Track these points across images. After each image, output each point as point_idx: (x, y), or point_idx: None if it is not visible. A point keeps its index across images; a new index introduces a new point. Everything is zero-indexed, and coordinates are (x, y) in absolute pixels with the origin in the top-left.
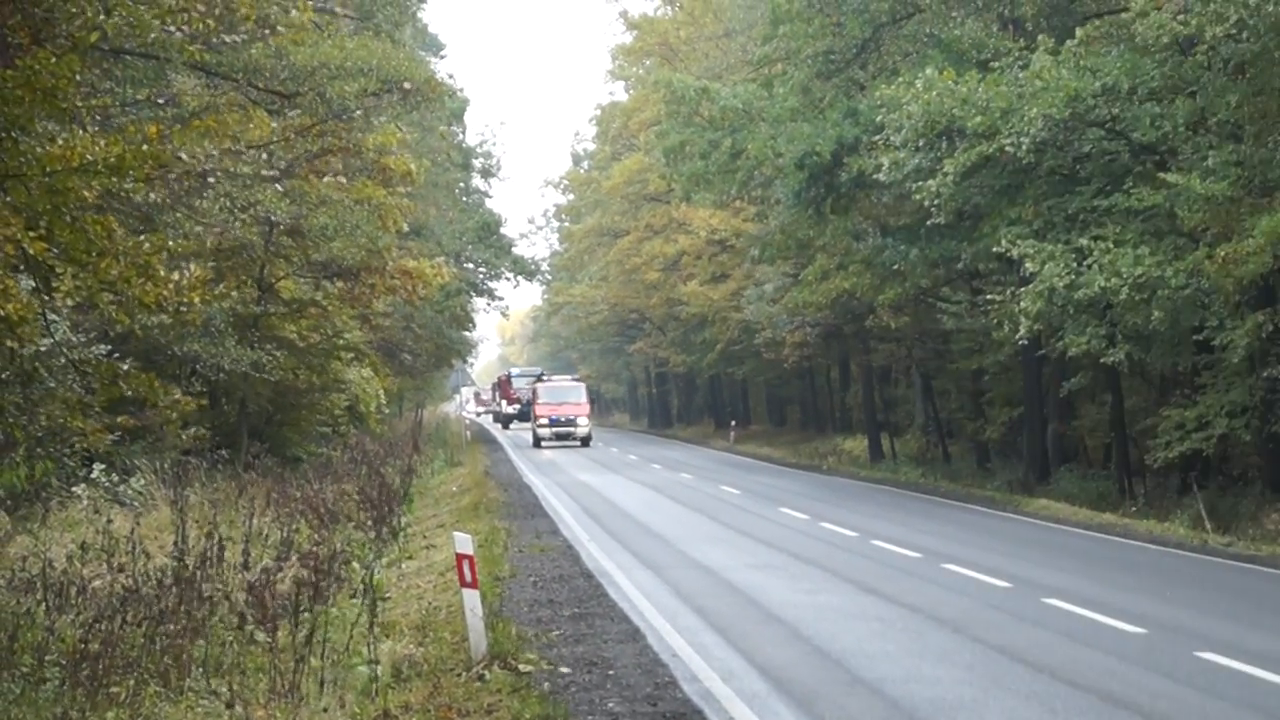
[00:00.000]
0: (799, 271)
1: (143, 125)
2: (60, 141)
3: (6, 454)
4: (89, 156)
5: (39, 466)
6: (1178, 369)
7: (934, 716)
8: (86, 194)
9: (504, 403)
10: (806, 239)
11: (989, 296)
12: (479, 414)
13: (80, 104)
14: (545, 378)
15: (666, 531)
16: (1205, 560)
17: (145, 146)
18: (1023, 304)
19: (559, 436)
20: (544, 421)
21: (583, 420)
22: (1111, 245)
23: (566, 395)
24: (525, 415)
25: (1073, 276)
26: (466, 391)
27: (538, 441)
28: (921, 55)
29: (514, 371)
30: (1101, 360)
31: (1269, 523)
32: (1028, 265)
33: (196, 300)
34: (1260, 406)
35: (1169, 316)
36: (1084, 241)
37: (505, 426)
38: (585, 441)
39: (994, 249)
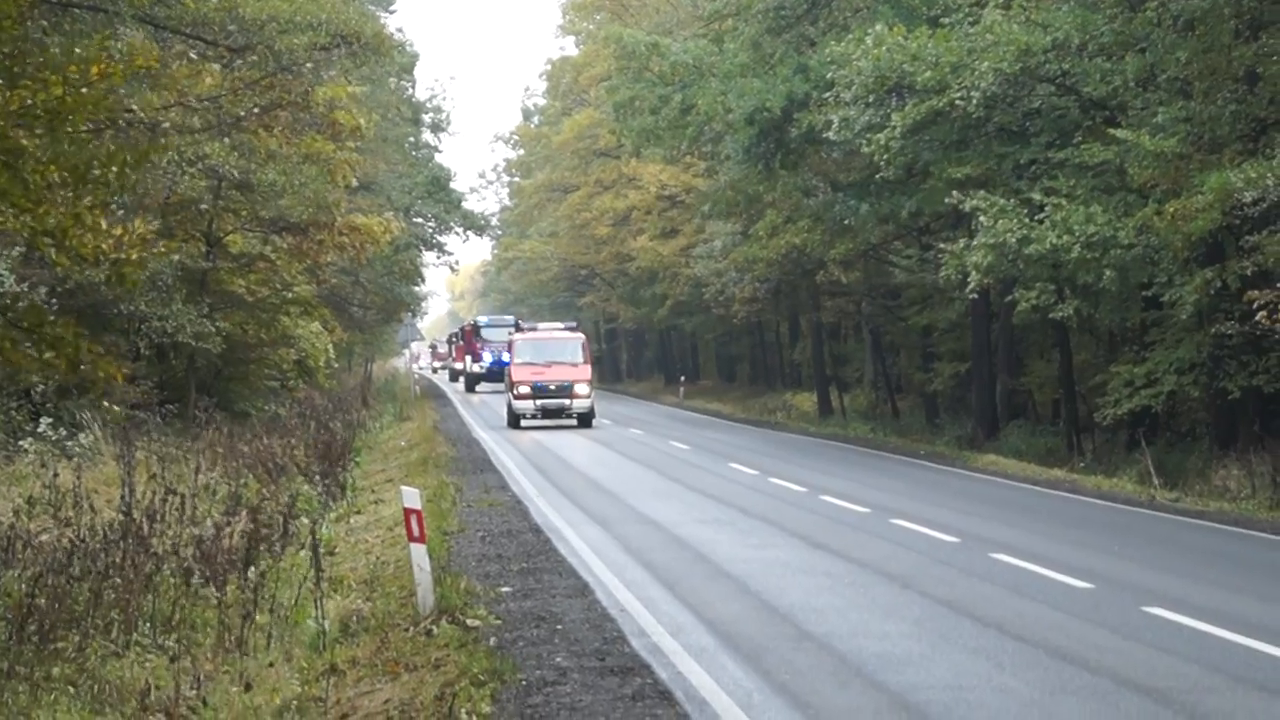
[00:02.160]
0: (749, 227)
1: (86, 68)
2: None
3: None
4: (29, 101)
5: None
6: (1126, 325)
7: (881, 670)
8: (26, 143)
9: (469, 359)
10: (756, 194)
11: (941, 246)
12: (436, 369)
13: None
14: (524, 327)
15: (615, 487)
16: (1152, 516)
17: (86, 90)
18: (973, 257)
19: (547, 412)
20: (525, 390)
21: (582, 388)
22: (1064, 201)
23: (558, 352)
24: (497, 375)
25: (1025, 232)
26: (418, 346)
27: (515, 419)
28: (872, 11)
29: (482, 320)
30: (1051, 315)
31: (1216, 478)
32: (980, 219)
33: (135, 255)
34: (1209, 363)
35: (1119, 275)
36: (1036, 196)
37: (470, 388)
38: (585, 420)
39: (945, 200)
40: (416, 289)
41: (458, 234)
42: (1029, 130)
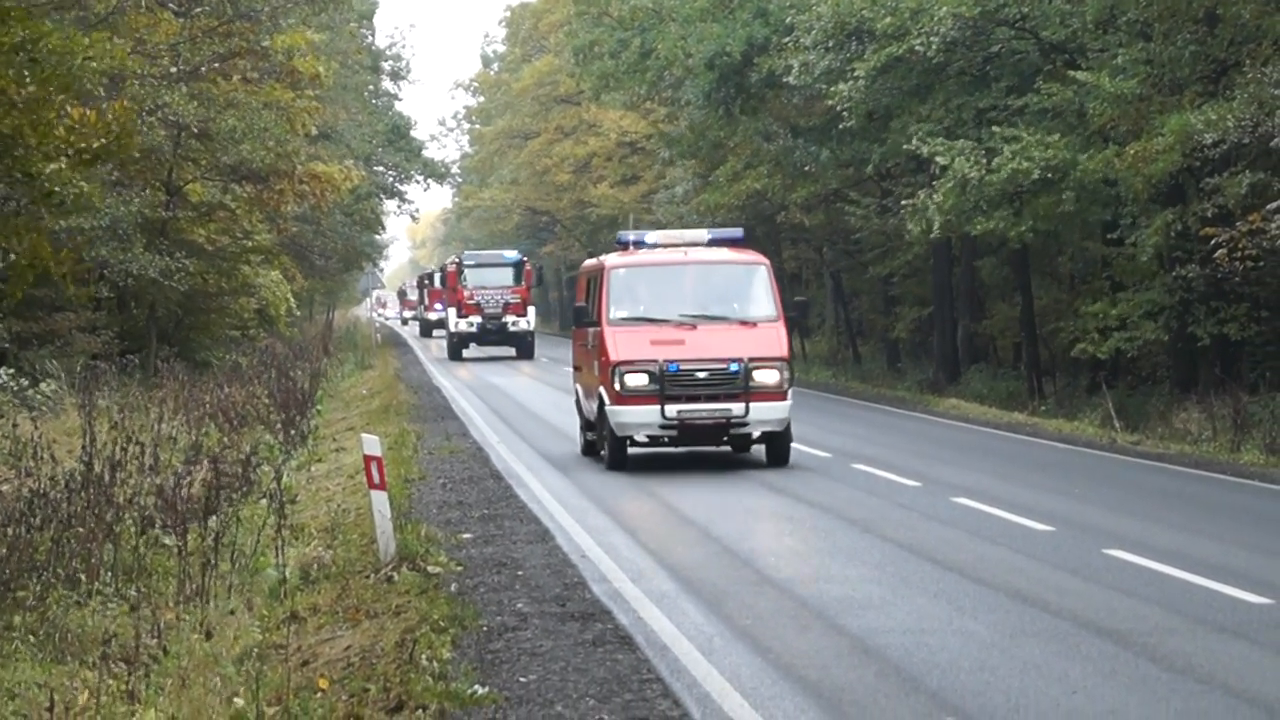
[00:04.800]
0: (710, 173)
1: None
2: None
3: None
4: None
5: None
6: (1086, 264)
7: (842, 615)
8: None
9: (452, 312)
10: (718, 139)
11: (904, 201)
12: (406, 321)
13: None
14: (630, 243)
15: (577, 433)
16: (1113, 459)
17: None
18: (935, 197)
19: (486, 338)
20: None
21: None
22: (1023, 135)
23: (716, 296)
24: (495, 335)
25: (984, 171)
26: (384, 294)
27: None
28: None
29: (468, 258)
30: (1010, 235)
31: (1177, 421)
32: (938, 161)
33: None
34: (1178, 307)
35: (1078, 195)
36: (992, 143)
37: (455, 354)
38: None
39: (904, 147)
40: (378, 237)
41: (418, 182)
42: (989, 75)
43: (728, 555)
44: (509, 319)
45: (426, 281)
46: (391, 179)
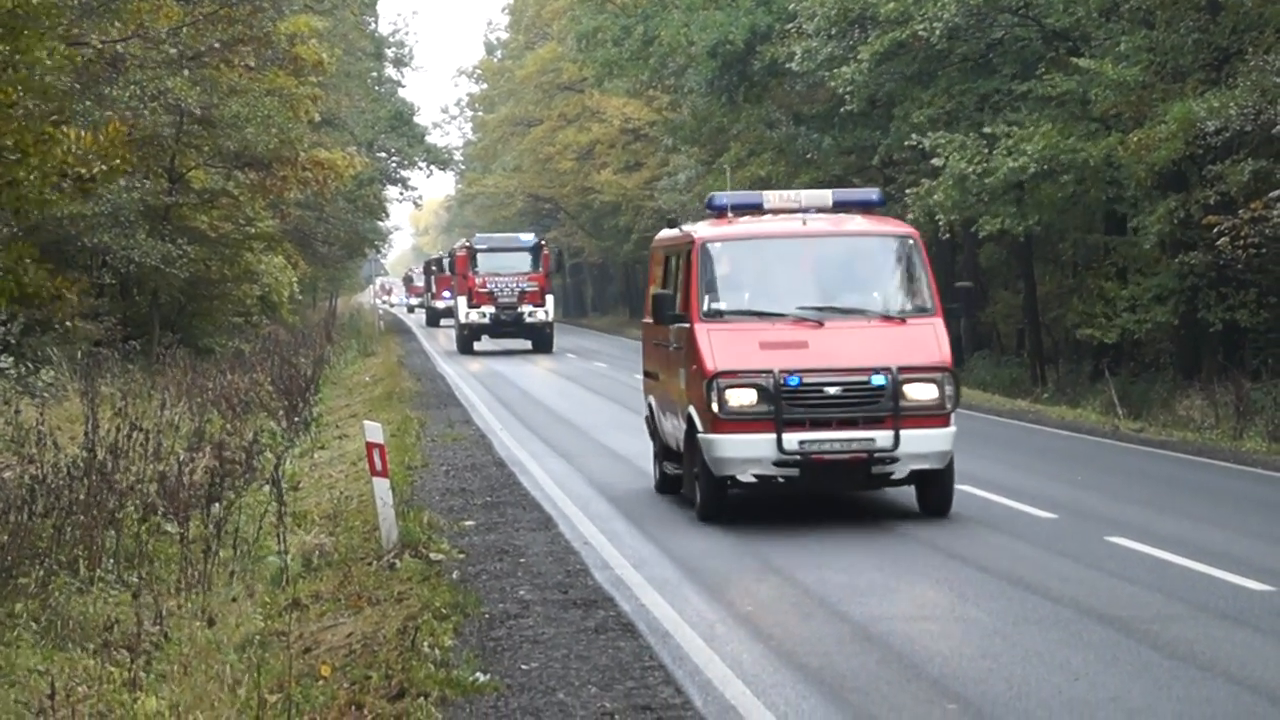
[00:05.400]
0: (713, 160)
1: None
2: None
3: None
4: None
5: None
6: (1089, 249)
7: (845, 601)
8: None
9: (462, 301)
10: (720, 126)
11: (907, 190)
12: (412, 308)
13: None
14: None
15: (579, 420)
16: (1116, 446)
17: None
18: (936, 196)
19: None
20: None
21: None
22: (1018, 129)
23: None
24: (510, 327)
25: (984, 165)
26: (389, 280)
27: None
28: None
29: (479, 242)
30: (1018, 230)
31: (1180, 408)
32: (936, 158)
33: (98, 170)
34: (1187, 293)
35: (1076, 180)
36: (989, 130)
37: (466, 347)
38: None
39: (905, 143)
40: (381, 224)
41: (421, 169)
42: (992, 62)
43: (729, 542)
44: (525, 309)
45: (434, 267)
46: (394, 165)
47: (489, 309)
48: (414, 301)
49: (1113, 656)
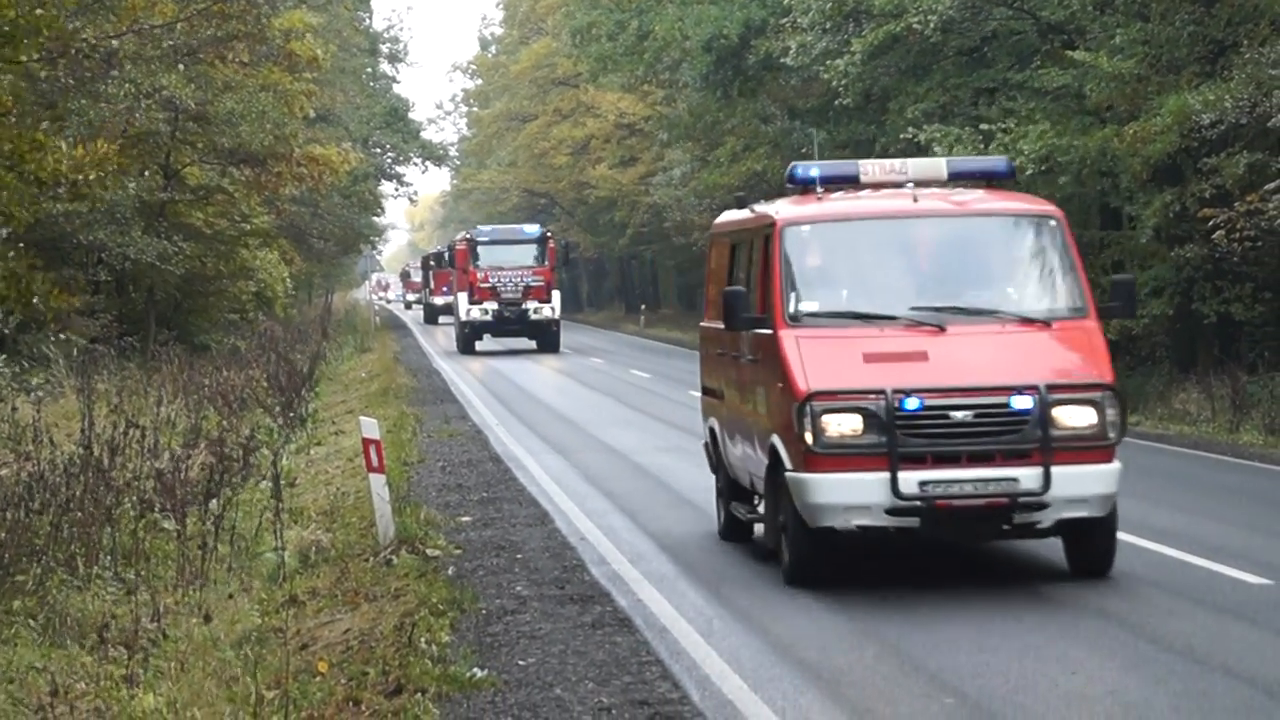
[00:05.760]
0: (708, 154)
1: None
2: None
3: None
4: None
5: None
6: (1085, 249)
7: (841, 595)
8: None
9: (463, 297)
10: (716, 120)
11: None
12: (409, 304)
13: None
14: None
15: (576, 415)
16: None
17: (40, 11)
18: None
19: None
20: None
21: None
22: (1014, 125)
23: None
24: (516, 325)
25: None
26: (385, 276)
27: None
28: None
29: (482, 234)
30: None
31: (1176, 402)
32: (935, 151)
33: (94, 175)
34: (1183, 284)
35: (1074, 181)
36: (985, 128)
37: (467, 346)
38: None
39: (901, 136)
40: (376, 220)
41: (416, 164)
42: (987, 56)
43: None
44: (530, 305)
45: (432, 262)
46: (389, 161)
47: (491, 305)
48: (411, 298)
49: (1110, 650)
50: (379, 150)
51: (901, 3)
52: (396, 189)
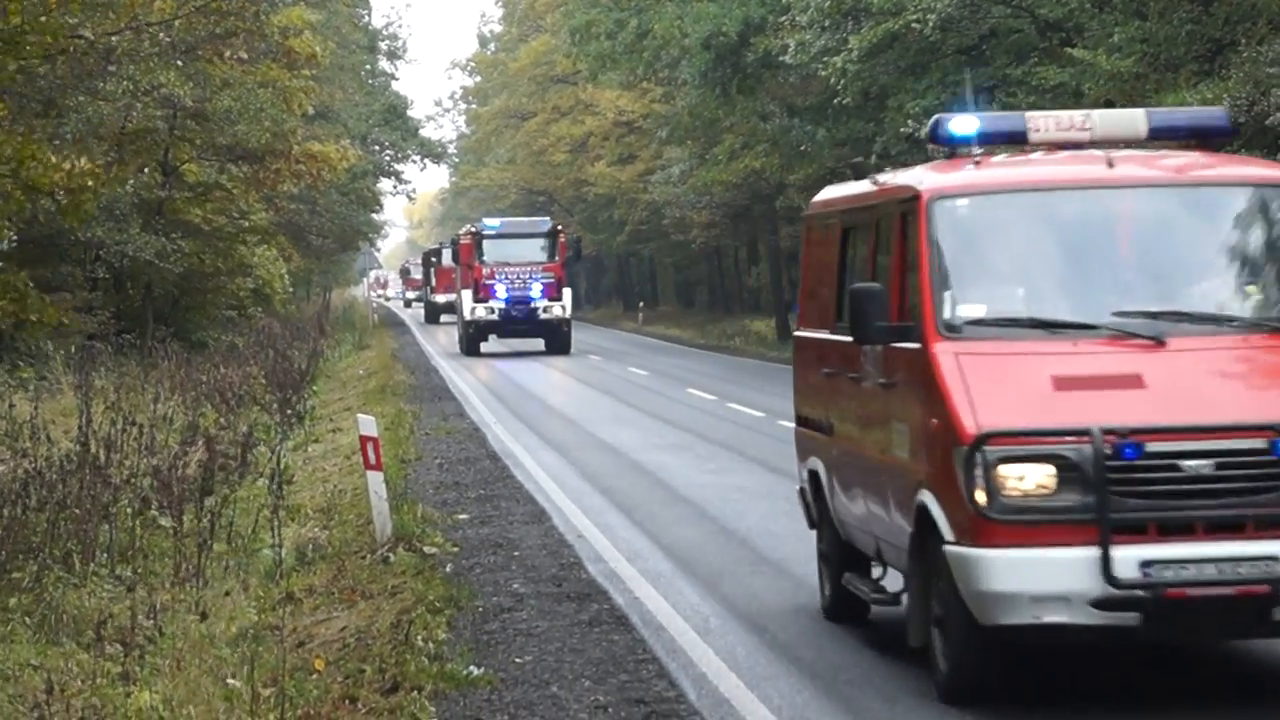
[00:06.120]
0: (706, 152)
1: None
2: None
3: None
4: None
5: None
6: None
7: None
8: None
9: (467, 294)
10: (714, 118)
11: None
12: (409, 302)
13: None
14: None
15: (573, 413)
16: None
17: (44, 19)
18: None
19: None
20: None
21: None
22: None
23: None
24: (523, 325)
25: None
26: (384, 273)
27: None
28: None
29: (489, 226)
30: None
31: None
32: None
33: (90, 183)
34: None
35: None
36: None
37: (472, 348)
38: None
39: (900, 130)
40: (374, 217)
41: (415, 162)
42: (985, 53)
43: (724, 535)
44: (539, 304)
45: (433, 258)
46: (388, 158)
47: (498, 304)
48: (411, 295)
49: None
50: (377, 147)
51: (900, 1)
52: (395, 186)
